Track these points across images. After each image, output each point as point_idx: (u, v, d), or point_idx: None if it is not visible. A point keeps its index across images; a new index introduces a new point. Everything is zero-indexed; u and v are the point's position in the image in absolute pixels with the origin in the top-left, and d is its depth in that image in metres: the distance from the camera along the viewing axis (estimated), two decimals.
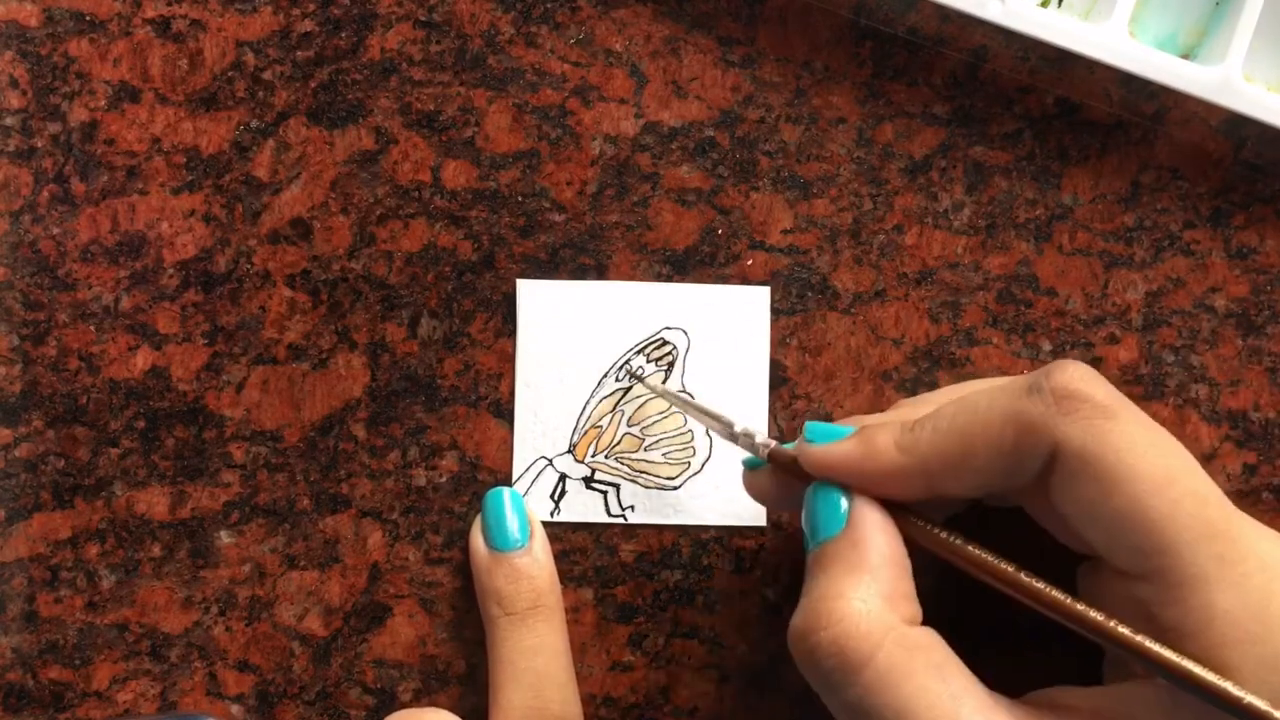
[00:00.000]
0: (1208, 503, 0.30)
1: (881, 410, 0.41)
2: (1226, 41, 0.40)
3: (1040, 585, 0.32)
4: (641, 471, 0.41)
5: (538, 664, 0.39)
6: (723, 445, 0.41)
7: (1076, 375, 0.31)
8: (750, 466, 0.37)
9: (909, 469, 0.33)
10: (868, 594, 0.32)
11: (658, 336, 0.42)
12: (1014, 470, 0.32)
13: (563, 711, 0.38)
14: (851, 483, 0.34)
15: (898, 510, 0.34)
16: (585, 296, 0.42)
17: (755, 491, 0.37)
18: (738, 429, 0.37)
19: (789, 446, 0.36)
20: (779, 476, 0.36)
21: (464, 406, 0.41)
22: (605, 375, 0.41)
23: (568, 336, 0.41)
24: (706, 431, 0.41)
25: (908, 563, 0.33)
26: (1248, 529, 0.31)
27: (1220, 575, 0.30)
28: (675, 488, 0.41)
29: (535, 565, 0.40)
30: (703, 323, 0.42)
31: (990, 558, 0.33)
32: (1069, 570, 0.35)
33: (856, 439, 0.34)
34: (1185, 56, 0.41)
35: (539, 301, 0.41)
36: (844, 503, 0.34)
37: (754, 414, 0.41)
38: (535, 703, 0.38)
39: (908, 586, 0.33)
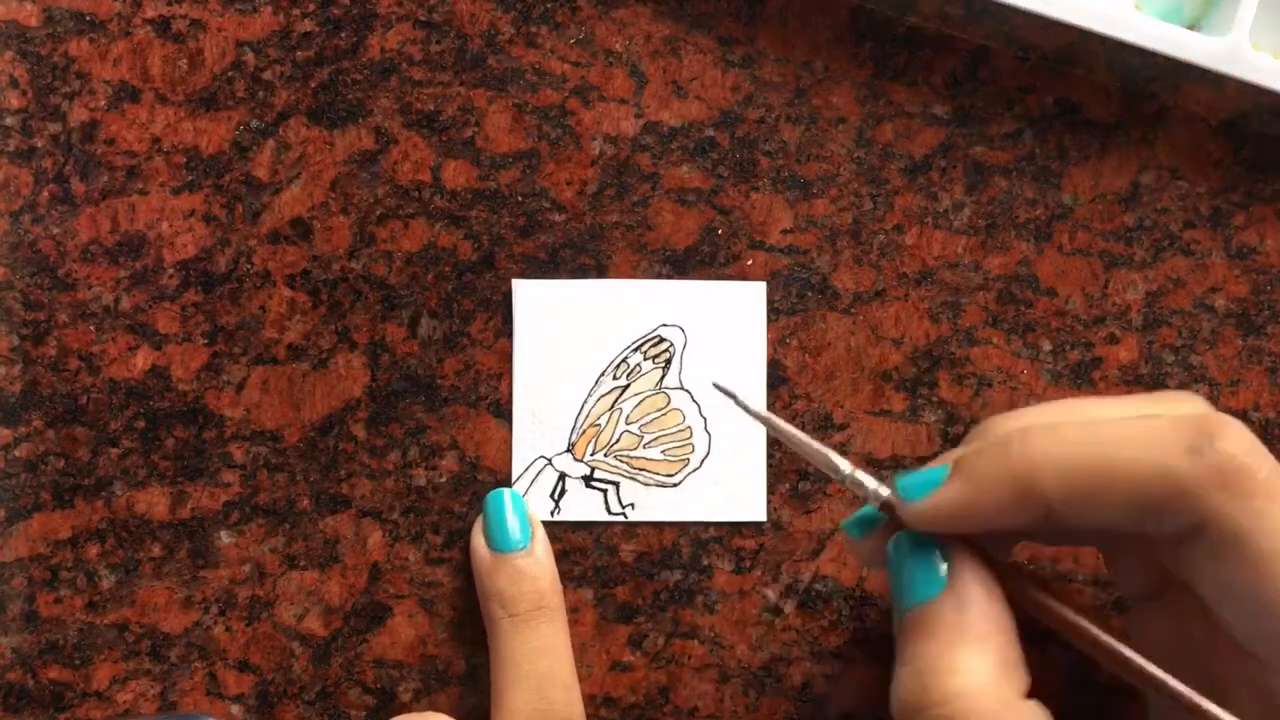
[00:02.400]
0: None
1: (880, 409, 0.41)
2: (1232, 12, 0.39)
3: (1159, 673, 0.30)
4: (641, 469, 0.41)
5: (541, 665, 0.39)
6: (723, 442, 0.41)
7: (1244, 445, 0.29)
8: (854, 535, 0.34)
9: (1025, 499, 0.30)
10: (980, 666, 0.30)
11: (655, 334, 0.42)
12: (1145, 524, 0.30)
13: (567, 713, 0.38)
14: (963, 529, 0.32)
15: (999, 568, 0.31)
16: (582, 295, 0.42)
17: (867, 557, 0.34)
18: (845, 471, 0.34)
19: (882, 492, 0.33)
20: (889, 533, 0.33)
21: (464, 406, 0.41)
22: (603, 374, 0.41)
23: (565, 335, 0.41)
24: (705, 427, 0.41)
25: (1014, 626, 0.31)
26: None
27: None
28: (675, 484, 0.41)
29: (537, 566, 0.40)
30: (699, 319, 0.42)
31: (1108, 639, 0.31)
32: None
33: (958, 479, 0.31)
34: (1191, 29, 0.41)
35: (535, 301, 0.41)
36: (942, 560, 0.31)
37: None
38: (540, 704, 0.38)
39: (1016, 653, 0.31)
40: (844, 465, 0.34)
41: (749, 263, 0.42)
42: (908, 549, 0.32)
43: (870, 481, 0.33)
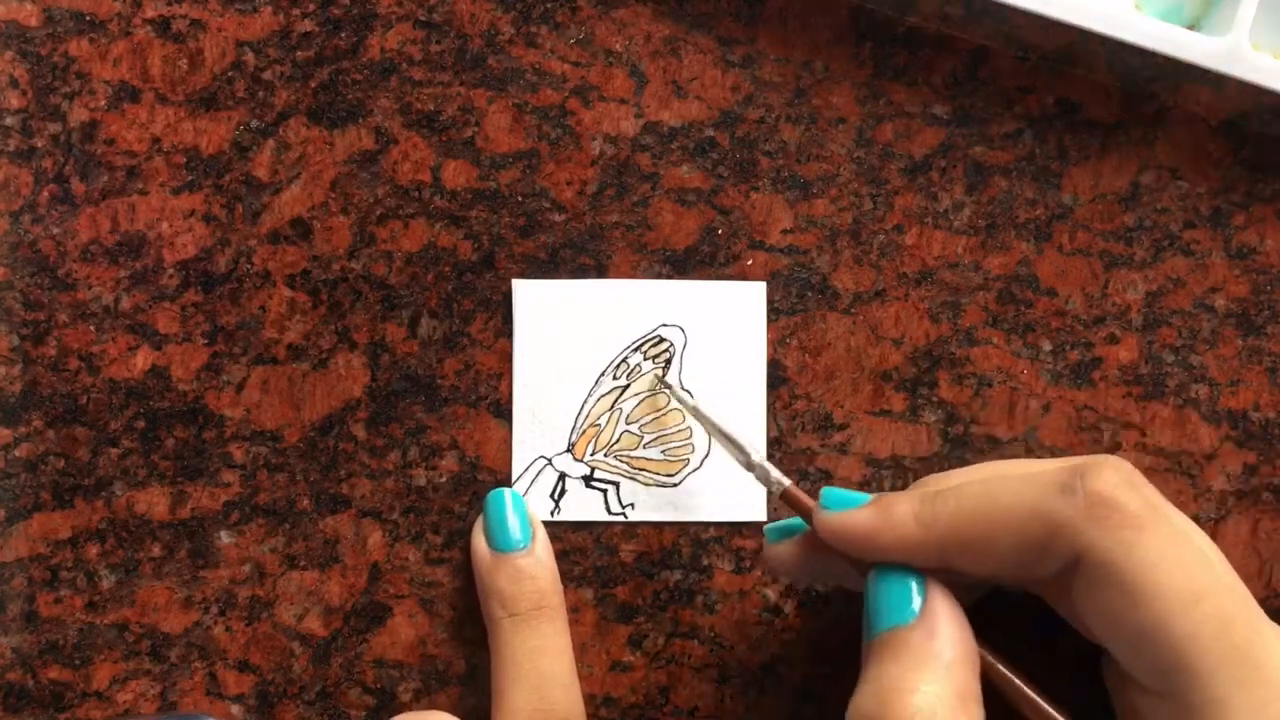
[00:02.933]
0: (1233, 624, 0.30)
1: (880, 409, 0.41)
2: (1232, 11, 0.39)
3: None
4: (641, 469, 0.41)
5: (542, 665, 0.39)
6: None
7: (1112, 481, 0.31)
8: (773, 538, 0.37)
9: (926, 544, 0.33)
10: (941, 691, 0.31)
11: (654, 334, 0.42)
12: (1034, 565, 0.32)
13: (567, 713, 0.38)
14: (866, 553, 0.34)
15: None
16: (581, 295, 0.42)
17: (779, 562, 0.37)
18: (754, 458, 0.37)
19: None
20: (803, 548, 0.36)
21: (464, 406, 0.41)
22: (603, 373, 0.41)
23: (564, 335, 0.41)
24: (706, 432, 0.41)
25: (978, 662, 0.32)
26: (1274, 652, 0.30)
27: (1240, 701, 0.29)
28: (675, 484, 0.41)
29: (538, 566, 0.40)
30: (699, 319, 0.42)
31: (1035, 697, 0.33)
32: (1095, 658, 0.34)
33: (874, 507, 0.34)
34: (1191, 29, 0.41)
35: (535, 301, 0.41)
36: (917, 591, 0.33)
37: (752, 410, 0.41)
38: (540, 704, 0.38)
39: (977, 688, 0.32)
40: (755, 455, 0.38)
41: (749, 263, 0.42)
42: (886, 575, 0.33)
43: (775, 472, 0.37)
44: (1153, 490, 0.33)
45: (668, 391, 0.41)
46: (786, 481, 0.37)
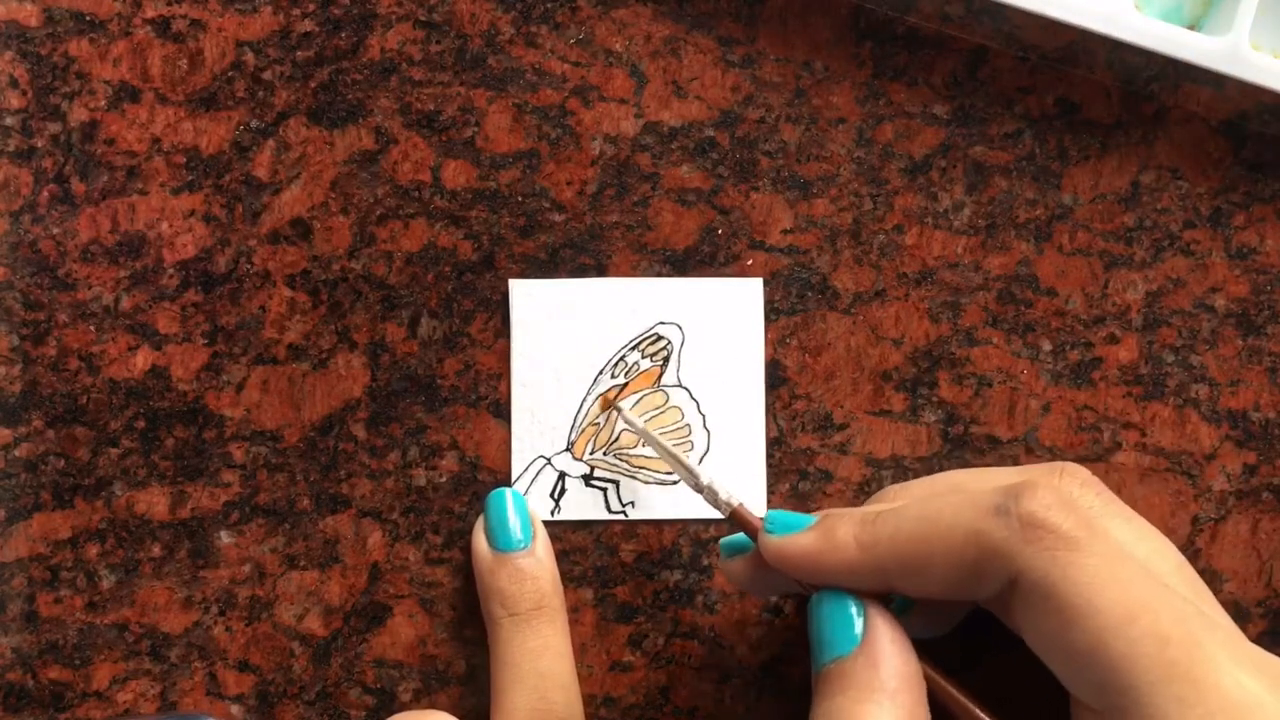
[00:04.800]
0: (1169, 642, 0.29)
1: (880, 409, 0.41)
2: (1232, 11, 0.39)
3: None
4: (640, 467, 0.41)
5: (542, 665, 0.39)
6: (721, 439, 0.41)
7: (1044, 503, 0.31)
8: (726, 553, 0.37)
9: (866, 565, 0.33)
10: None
11: (652, 332, 0.42)
12: (972, 586, 0.32)
13: (567, 713, 0.38)
14: (809, 576, 0.34)
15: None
16: (579, 294, 0.42)
17: (733, 577, 0.37)
18: (704, 481, 0.38)
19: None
20: (753, 565, 0.36)
21: (464, 406, 0.41)
22: (601, 372, 0.41)
23: (562, 335, 0.41)
24: (704, 424, 0.41)
25: (924, 684, 0.33)
26: (1215, 666, 0.29)
27: (1181, 717, 0.29)
28: (675, 482, 0.41)
29: (538, 566, 0.40)
30: (697, 317, 0.42)
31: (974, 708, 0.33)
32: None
33: (816, 531, 0.34)
34: (1191, 29, 0.41)
35: (532, 301, 0.41)
36: (857, 617, 0.33)
37: (751, 407, 0.41)
38: (540, 705, 0.38)
39: (924, 712, 0.32)
40: (704, 477, 0.38)
41: (749, 263, 0.42)
42: (825, 606, 0.34)
43: (724, 492, 0.37)
44: (1100, 502, 0.33)
45: (618, 414, 0.41)
46: (735, 502, 0.37)
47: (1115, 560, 0.30)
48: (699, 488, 0.38)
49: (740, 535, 0.37)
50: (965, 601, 0.36)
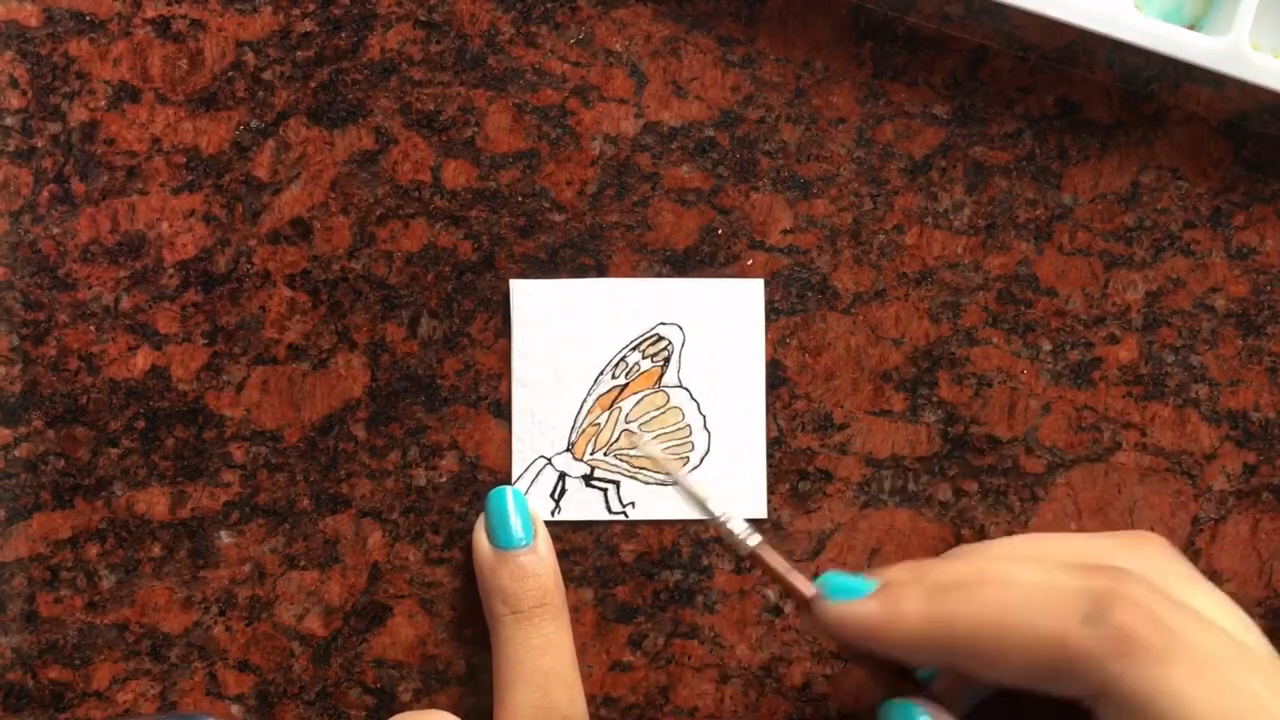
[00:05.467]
0: None
1: (880, 409, 0.41)
2: (1232, 11, 0.39)
3: None
4: (641, 467, 0.41)
5: (545, 663, 0.39)
6: (721, 439, 0.41)
7: (1140, 616, 0.30)
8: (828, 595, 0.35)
9: (933, 646, 0.32)
10: None
11: (653, 332, 0.42)
12: (1049, 685, 0.31)
13: (569, 711, 0.38)
14: (868, 645, 0.33)
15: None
16: (579, 295, 0.42)
17: (815, 633, 0.37)
18: (719, 516, 0.36)
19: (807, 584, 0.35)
20: (810, 619, 0.35)
21: (464, 406, 0.41)
22: (601, 373, 0.41)
23: (562, 335, 0.41)
24: (704, 425, 0.41)
25: None
26: None
27: None
28: (675, 483, 0.41)
29: (540, 563, 0.40)
30: (697, 318, 0.42)
31: None
32: None
33: (880, 599, 0.33)
34: (1191, 29, 0.41)
35: (533, 301, 0.41)
36: None
37: (751, 408, 0.41)
38: (543, 702, 0.38)
39: None
40: (720, 512, 0.36)
41: (749, 263, 0.42)
42: (894, 715, 0.33)
43: (741, 531, 0.35)
44: (1183, 575, 0.33)
45: (640, 447, 0.41)
46: (758, 538, 0.35)
47: (1206, 669, 0.30)
48: (709, 516, 0.36)
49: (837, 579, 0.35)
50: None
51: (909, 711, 0.33)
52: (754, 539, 0.36)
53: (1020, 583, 0.32)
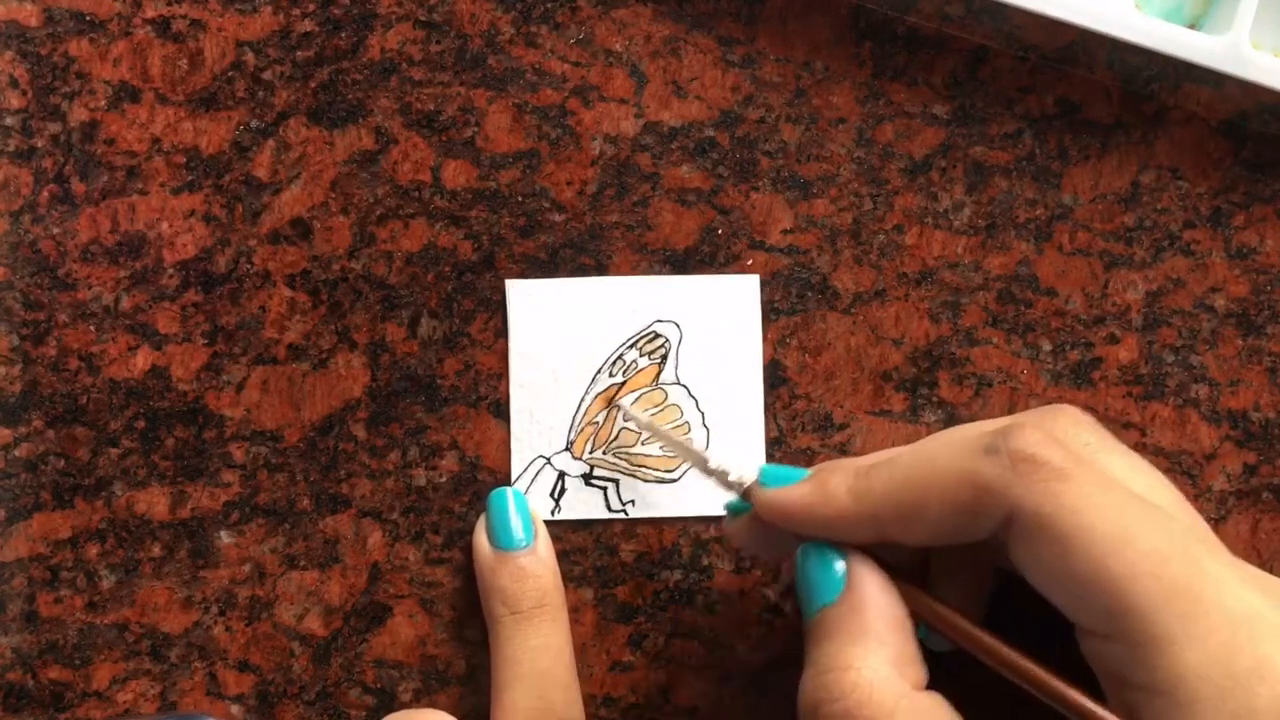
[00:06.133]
0: (1168, 560, 0.30)
1: (880, 409, 0.41)
2: (1232, 11, 0.39)
3: (1034, 669, 0.32)
4: (640, 465, 0.41)
5: (542, 664, 0.39)
6: (720, 436, 0.41)
7: (1033, 439, 0.31)
8: (732, 513, 0.37)
9: (860, 515, 0.33)
10: (876, 662, 0.32)
11: (649, 330, 0.42)
12: (966, 528, 0.32)
13: (566, 713, 0.38)
14: (804, 528, 0.34)
15: (893, 573, 0.34)
16: (576, 294, 0.42)
17: (734, 537, 0.37)
18: (712, 465, 0.37)
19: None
20: (753, 524, 0.36)
21: (464, 406, 0.41)
22: (599, 371, 0.41)
23: (559, 334, 0.41)
24: (703, 422, 0.41)
25: (909, 624, 0.33)
26: (1213, 582, 0.30)
27: (1185, 633, 0.29)
28: (674, 480, 0.41)
29: (540, 564, 0.40)
30: (694, 314, 0.42)
31: (979, 633, 0.33)
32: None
33: (810, 482, 0.34)
34: (1191, 28, 0.41)
35: (529, 301, 0.41)
36: (839, 565, 0.34)
37: (749, 403, 0.41)
38: (539, 704, 0.38)
39: (913, 649, 0.33)
40: (712, 460, 0.37)
41: (749, 263, 0.42)
42: (810, 556, 0.34)
43: (734, 473, 0.37)
44: (1096, 438, 0.34)
45: (619, 410, 0.41)
46: (747, 481, 0.36)
47: (1106, 487, 0.31)
48: (709, 471, 0.37)
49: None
50: (981, 590, 0.36)
51: (826, 553, 0.34)
52: (746, 478, 0.36)
53: (934, 445, 0.33)
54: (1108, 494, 0.31)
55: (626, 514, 0.41)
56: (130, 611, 0.41)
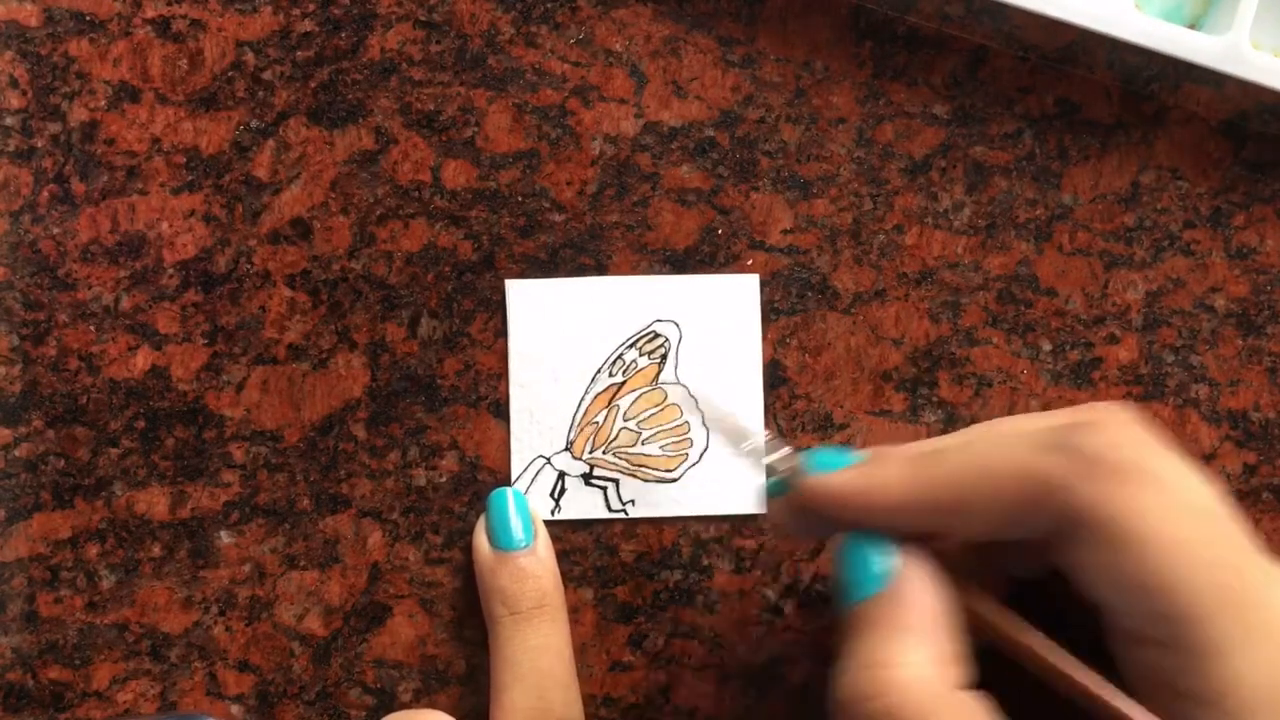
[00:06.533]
0: (1228, 568, 0.30)
1: (880, 409, 0.41)
2: (1232, 10, 0.39)
3: (1092, 682, 0.31)
4: (640, 465, 0.41)
5: (542, 664, 0.39)
6: (720, 436, 0.41)
7: (1102, 440, 0.31)
8: (772, 493, 0.36)
9: (916, 504, 0.32)
10: (918, 659, 0.31)
11: (649, 329, 0.42)
12: (1023, 523, 0.31)
13: (565, 713, 0.38)
14: (854, 515, 0.33)
15: (944, 569, 0.33)
16: (575, 294, 0.42)
17: (775, 518, 0.37)
18: (751, 446, 0.37)
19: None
20: (797, 504, 0.35)
21: (464, 406, 0.41)
22: (599, 371, 0.41)
23: (559, 334, 0.41)
24: (703, 421, 0.41)
25: (955, 621, 0.32)
26: (1272, 589, 0.30)
27: (1240, 640, 0.29)
28: (674, 479, 0.41)
29: (540, 565, 0.40)
30: (694, 314, 0.42)
31: (1032, 639, 0.32)
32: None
33: (863, 468, 0.33)
34: (1191, 28, 0.41)
35: (529, 301, 0.41)
36: (887, 557, 0.33)
37: (749, 403, 0.41)
38: (539, 704, 0.38)
39: (958, 647, 0.32)
40: (753, 442, 0.37)
41: (749, 263, 0.42)
42: (859, 547, 0.33)
43: (780, 454, 0.36)
44: (1148, 440, 0.33)
45: (669, 388, 0.41)
46: (797, 463, 0.35)
47: (1169, 492, 0.31)
48: (747, 451, 0.37)
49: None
50: (987, 539, 0.35)
51: (872, 547, 0.33)
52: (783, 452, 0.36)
53: (993, 435, 0.33)
54: (1170, 498, 0.30)
55: (626, 514, 0.41)
56: (130, 611, 0.41)
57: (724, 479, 0.41)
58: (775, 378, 0.42)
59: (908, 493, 0.32)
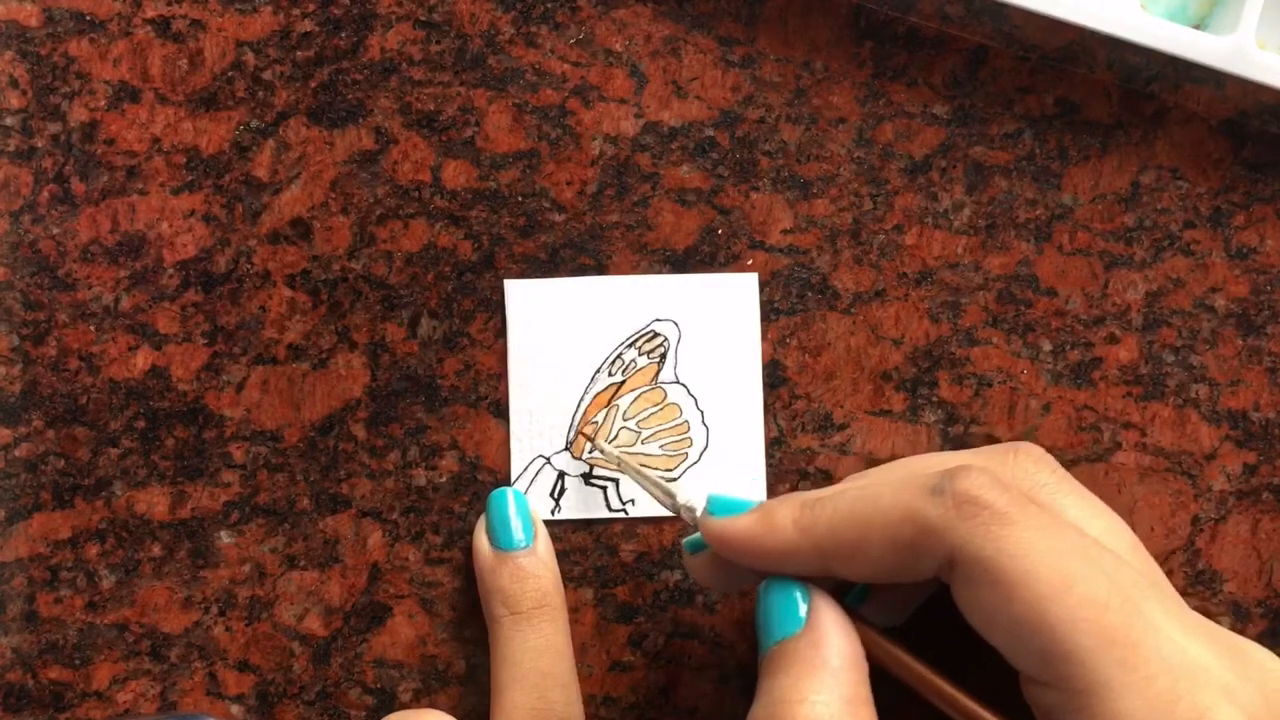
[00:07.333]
0: (1107, 608, 0.30)
1: (880, 409, 0.41)
2: (1237, 10, 0.39)
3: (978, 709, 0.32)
4: (640, 465, 0.41)
5: (542, 664, 0.39)
6: (720, 435, 0.41)
7: (978, 482, 0.31)
8: (691, 550, 0.37)
9: (804, 548, 0.33)
10: (830, 698, 0.32)
11: (648, 329, 0.42)
12: (909, 567, 0.32)
13: (566, 713, 0.38)
14: (749, 559, 0.34)
15: (851, 614, 0.34)
16: (574, 293, 0.42)
17: (692, 571, 0.37)
18: (680, 500, 0.37)
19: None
20: (711, 558, 0.36)
21: (464, 406, 0.41)
22: (598, 370, 0.41)
23: (558, 334, 0.41)
24: (703, 421, 0.41)
25: (866, 666, 0.33)
26: (1154, 630, 0.30)
27: (1123, 681, 0.29)
28: (674, 479, 0.41)
29: (540, 565, 0.40)
30: (693, 313, 0.42)
31: (931, 675, 0.33)
32: None
33: (757, 514, 0.34)
34: (1196, 28, 0.41)
35: (528, 301, 0.41)
36: (802, 601, 0.33)
37: (749, 402, 0.41)
38: (539, 704, 0.38)
39: (866, 692, 0.33)
40: (679, 495, 0.38)
41: (749, 263, 0.42)
42: (772, 590, 0.34)
43: (686, 501, 0.37)
44: (1055, 480, 0.34)
45: (596, 447, 0.41)
46: (698, 507, 0.37)
47: (1050, 532, 0.31)
48: (675, 509, 0.38)
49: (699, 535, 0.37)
50: (918, 590, 0.36)
51: (789, 588, 0.34)
52: (697, 505, 0.37)
53: (880, 482, 0.33)
54: (1052, 538, 0.31)
55: (626, 514, 0.41)
56: (130, 611, 0.41)
57: (724, 479, 0.41)
58: (775, 378, 0.42)
59: (798, 537, 0.33)
